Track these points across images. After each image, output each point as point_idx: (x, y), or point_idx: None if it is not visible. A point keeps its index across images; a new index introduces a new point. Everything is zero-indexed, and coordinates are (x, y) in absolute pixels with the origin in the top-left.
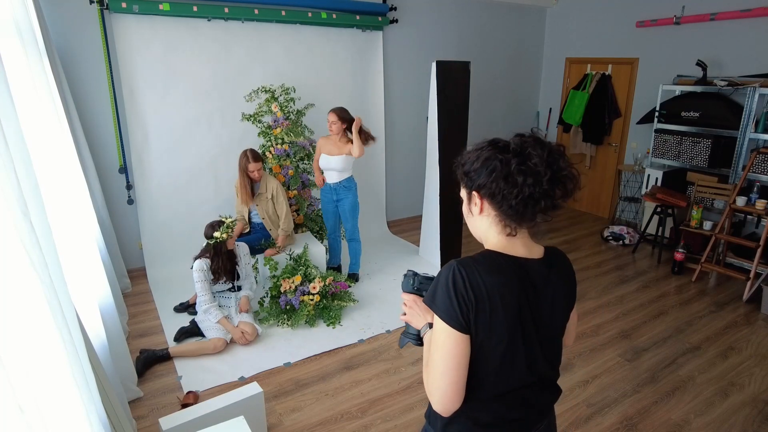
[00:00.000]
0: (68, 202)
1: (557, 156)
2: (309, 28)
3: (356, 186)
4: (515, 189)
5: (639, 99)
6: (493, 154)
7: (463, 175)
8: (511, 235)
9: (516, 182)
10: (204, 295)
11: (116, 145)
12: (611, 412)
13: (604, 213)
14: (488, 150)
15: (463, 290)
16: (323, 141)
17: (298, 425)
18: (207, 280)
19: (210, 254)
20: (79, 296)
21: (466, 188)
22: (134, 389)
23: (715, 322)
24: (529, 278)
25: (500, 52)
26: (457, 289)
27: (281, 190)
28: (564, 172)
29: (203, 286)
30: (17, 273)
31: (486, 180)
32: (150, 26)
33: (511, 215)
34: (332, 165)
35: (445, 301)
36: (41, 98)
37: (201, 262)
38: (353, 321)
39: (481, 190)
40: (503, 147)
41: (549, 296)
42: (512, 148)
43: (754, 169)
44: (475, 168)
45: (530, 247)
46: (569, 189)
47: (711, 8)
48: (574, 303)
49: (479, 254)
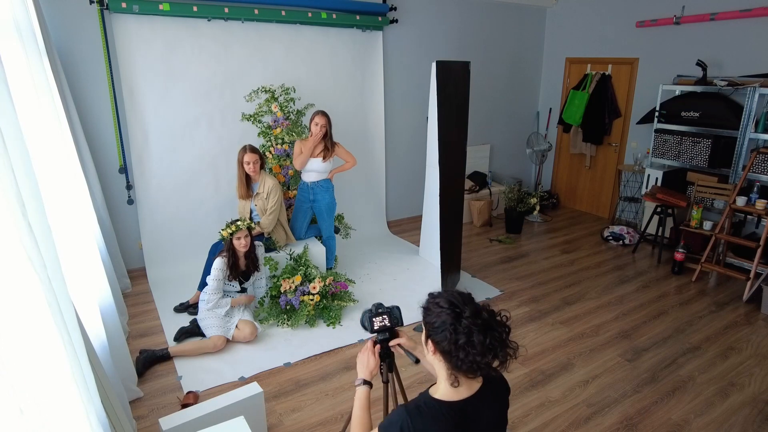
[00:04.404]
0: (68, 202)
1: (496, 344)
2: (309, 28)
3: (333, 188)
4: (460, 356)
5: (639, 99)
6: (449, 320)
7: (425, 322)
8: (454, 386)
9: (458, 355)
10: (214, 294)
11: (116, 145)
12: (611, 412)
13: (604, 213)
14: (447, 313)
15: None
16: (301, 143)
17: (298, 425)
18: (222, 279)
19: (225, 252)
20: (79, 296)
21: (426, 333)
22: (134, 389)
23: (715, 322)
24: (466, 419)
25: (500, 52)
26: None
27: (275, 190)
28: (501, 356)
29: (217, 285)
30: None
31: (440, 339)
32: (150, 26)
33: (455, 370)
34: (313, 167)
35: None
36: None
37: (220, 260)
38: (353, 321)
39: (436, 345)
40: (458, 317)
41: (485, 423)
42: (463, 326)
43: (754, 169)
44: (434, 324)
45: (470, 385)
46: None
47: (711, 8)
48: (507, 409)
49: (424, 403)
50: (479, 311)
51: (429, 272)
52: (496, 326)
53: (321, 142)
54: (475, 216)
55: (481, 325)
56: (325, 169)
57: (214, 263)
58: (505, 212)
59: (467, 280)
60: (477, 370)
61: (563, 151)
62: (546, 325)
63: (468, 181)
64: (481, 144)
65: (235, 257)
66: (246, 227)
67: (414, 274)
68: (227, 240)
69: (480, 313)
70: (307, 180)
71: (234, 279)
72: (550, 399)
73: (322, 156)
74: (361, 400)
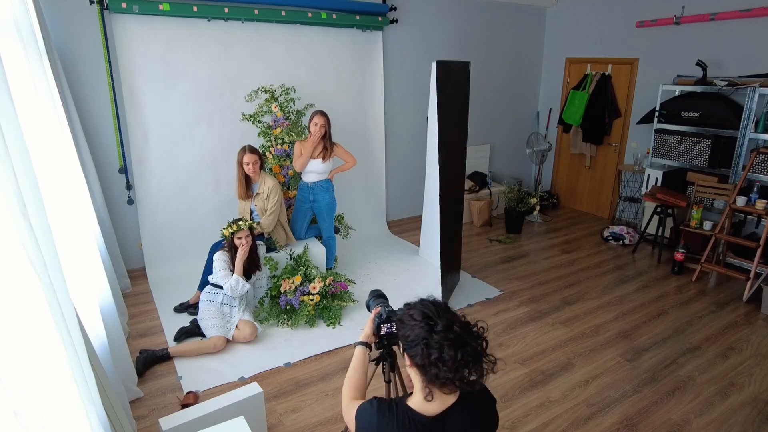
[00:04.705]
0: (68, 202)
1: (469, 359)
2: (309, 28)
3: (333, 188)
4: (433, 372)
5: (639, 99)
6: (422, 334)
7: (399, 334)
8: (428, 399)
9: (431, 370)
10: (225, 278)
11: (116, 145)
12: (611, 412)
13: (604, 213)
14: (420, 327)
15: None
16: (301, 144)
17: (298, 425)
18: (227, 267)
19: (226, 248)
20: (79, 296)
21: (402, 346)
22: (134, 389)
23: (715, 322)
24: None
25: (500, 52)
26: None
27: (275, 190)
28: (476, 371)
29: (225, 273)
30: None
31: (414, 353)
32: (150, 26)
33: (431, 385)
34: (313, 167)
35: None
36: (41, 98)
37: (221, 252)
38: (353, 321)
39: (411, 359)
40: (430, 331)
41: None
42: (434, 340)
43: (754, 169)
44: (408, 338)
45: (445, 400)
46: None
47: (711, 8)
48: (497, 419)
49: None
50: (451, 325)
51: (429, 272)
52: (469, 341)
53: (320, 142)
54: (475, 216)
55: (453, 339)
56: (325, 169)
57: (215, 256)
58: (505, 212)
59: (467, 280)
60: (451, 385)
61: (563, 151)
62: (546, 325)
63: (468, 181)
64: (481, 144)
65: (231, 253)
66: (247, 227)
67: (414, 274)
68: (228, 239)
69: (452, 327)
70: (307, 180)
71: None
72: (550, 399)
73: (322, 156)
74: (357, 359)
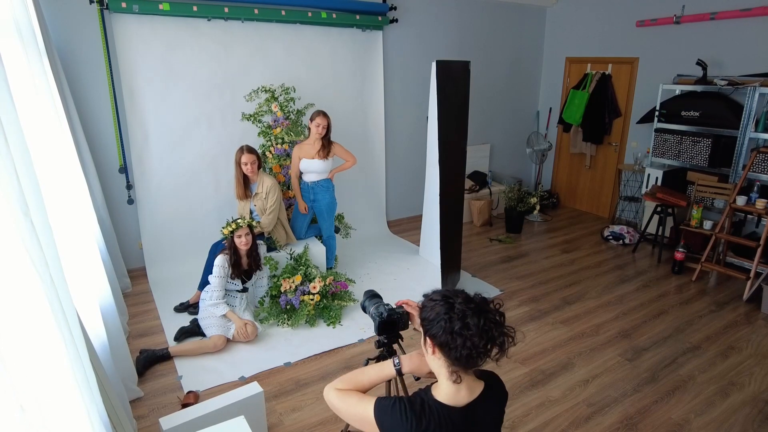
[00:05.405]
0: (68, 202)
1: (492, 326)
2: (309, 27)
3: (333, 187)
4: (458, 343)
5: (639, 98)
6: (443, 310)
7: (422, 319)
8: (457, 383)
9: (456, 343)
10: (218, 291)
11: (116, 145)
12: (611, 411)
13: (604, 212)
14: (440, 305)
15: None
16: (299, 147)
17: (299, 425)
18: (225, 276)
19: (227, 251)
20: (79, 296)
21: (423, 331)
22: (134, 389)
23: (715, 322)
24: (470, 427)
25: (500, 52)
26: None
27: (273, 189)
28: (499, 339)
29: (220, 282)
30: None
31: (437, 332)
32: (150, 26)
33: (455, 363)
34: (313, 168)
35: None
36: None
37: (222, 257)
38: (353, 321)
39: (433, 339)
40: (450, 306)
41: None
42: (456, 311)
43: (754, 169)
44: (429, 318)
45: (473, 388)
46: (504, 349)
47: (711, 8)
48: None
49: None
50: (470, 298)
51: (429, 272)
52: (489, 310)
53: (320, 141)
54: (475, 216)
55: (474, 308)
56: (325, 168)
57: (216, 260)
58: (505, 212)
59: (467, 279)
60: (477, 356)
61: (563, 150)
62: (546, 325)
63: (468, 181)
64: (481, 144)
65: (237, 255)
66: (246, 225)
67: (414, 274)
68: (228, 238)
69: (472, 299)
70: (308, 180)
71: (236, 277)
72: (551, 398)
73: (322, 156)
74: (383, 369)
